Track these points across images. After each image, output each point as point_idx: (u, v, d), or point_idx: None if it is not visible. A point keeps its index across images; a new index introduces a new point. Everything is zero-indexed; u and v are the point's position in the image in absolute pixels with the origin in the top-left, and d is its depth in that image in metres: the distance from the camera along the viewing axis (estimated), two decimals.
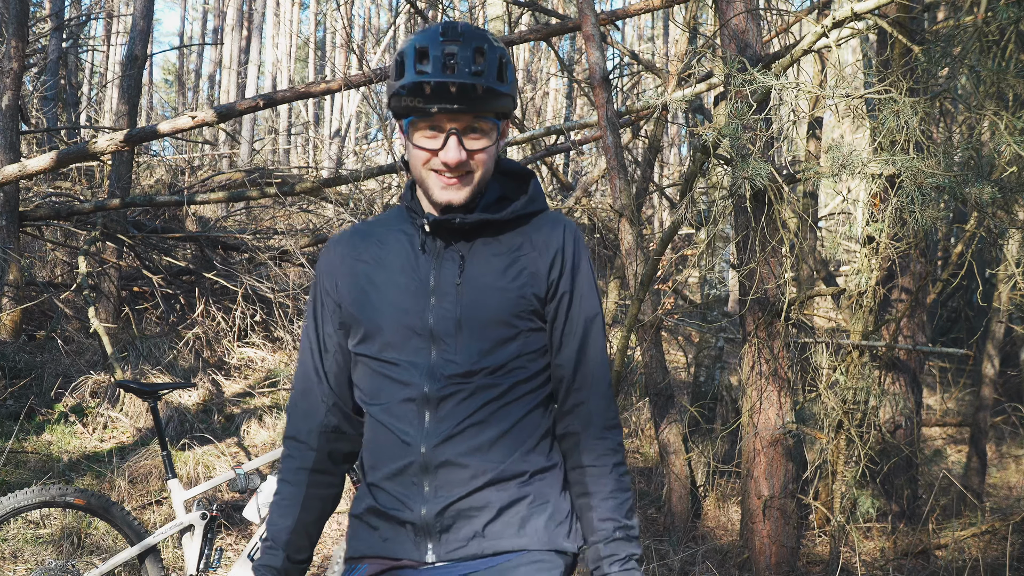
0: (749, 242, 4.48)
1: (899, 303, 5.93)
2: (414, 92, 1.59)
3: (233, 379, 6.91)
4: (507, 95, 1.63)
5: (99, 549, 4.46)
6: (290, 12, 20.66)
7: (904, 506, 5.99)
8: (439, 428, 1.62)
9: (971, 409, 8.11)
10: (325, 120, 21.10)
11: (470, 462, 1.62)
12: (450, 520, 1.62)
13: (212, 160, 13.26)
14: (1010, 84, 3.93)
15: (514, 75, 1.66)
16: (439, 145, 1.62)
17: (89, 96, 18.25)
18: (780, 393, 4.56)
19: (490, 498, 1.63)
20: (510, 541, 1.63)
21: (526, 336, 1.67)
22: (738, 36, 4.54)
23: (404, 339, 1.66)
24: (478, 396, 1.63)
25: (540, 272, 1.67)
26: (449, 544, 1.62)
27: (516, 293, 1.65)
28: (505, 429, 1.64)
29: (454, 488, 1.62)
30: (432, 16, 9.67)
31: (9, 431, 5.29)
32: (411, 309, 1.66)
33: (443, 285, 1.66)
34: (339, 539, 5.07)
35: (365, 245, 1.75)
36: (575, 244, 1.71)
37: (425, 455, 1.63)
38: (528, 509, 1.64)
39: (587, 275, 1.72)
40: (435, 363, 1.64)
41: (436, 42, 1.59)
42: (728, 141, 4.23)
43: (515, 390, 1.65)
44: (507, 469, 1.63)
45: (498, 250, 1.68)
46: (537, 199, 1.73)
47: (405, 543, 1.65)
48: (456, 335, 1.64)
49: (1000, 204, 4.07)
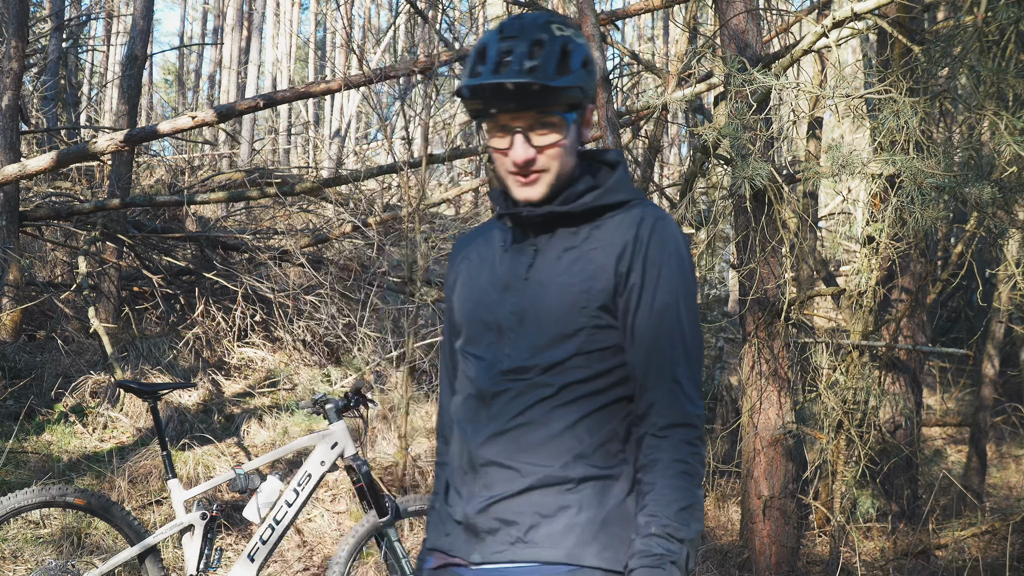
0: (749, 242, 4.49)
1: (899, 303, 5.93)
2: (474, 95, 1.56)
3: (233, 379, 6.91)
4: (573, 88, 1.55)
5: (99, 549, 4.46)
6: (290, 12, 20.66)
7: (904, 506, 5.99)
8: (489, 425, 1.59)
9: (971, 409, 8.12)
10: (325, 120, 21.10)
11: (515, 463, 1.57)
12: (493, 522, 1.58)
13: (212, 160, 13.26)
14: (1010, 84, 3.93)
15: (583, 62, 1.58)
16: (508, 145, 1.58)
17: (89, 96, 18.25)
18: (780, 393, 4.56)
19: (533, 502, 1.56)
20: (550, 551, 1.55)
21: (589, 333, 1.57)
22: (738, 36, 4.54)
23: (480, 334, 1.65)
24: (529, 395, 1.57)
25: (607, 265, 1.58)
26: (492, 546, 1.58)
27: (578, 288, 1.57)
28: (556, 432, 1.56)
29: (497, 488, 1.58)
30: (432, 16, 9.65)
31: (9, 431, 5.29)
32: (486, 303, 1.65)
33: (513, 280, 1.63)
34: (339, 539, 5.07)
35: (475, 243, 1.75)
36: (652, 234, 1.58)
37: (472, 453, 1.60)
38: (573, 519, 1.55)
39: (667, 265, 1.58)
40: (495, 358, 1.61)
41: (494, 40, 1.56)
42: (728, 141, 4.23)
43: (571, 390, 1.57)
44: (554, 474, 1.56)
45: (572, 244, 1.62)
46: (616, 190, 1.64)
47: (458, 540, 1.63)
48: (517, 331, 1.60)
49: (1000, 204, 4.08)
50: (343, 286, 7.58)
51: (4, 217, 6.43)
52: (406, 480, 5.57)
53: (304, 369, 7.14)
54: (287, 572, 4.76)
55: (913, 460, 6.13)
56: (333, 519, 5.34)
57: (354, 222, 7.52)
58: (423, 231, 6.61)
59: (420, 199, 5.93)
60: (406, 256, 6.85)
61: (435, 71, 6.86)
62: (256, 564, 3.59)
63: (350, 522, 5.34)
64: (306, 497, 3.66)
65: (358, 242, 8.50)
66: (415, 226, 5.85)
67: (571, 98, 1.57)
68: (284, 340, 7.31)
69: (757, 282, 4.46)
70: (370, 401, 3.89)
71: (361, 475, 3.69)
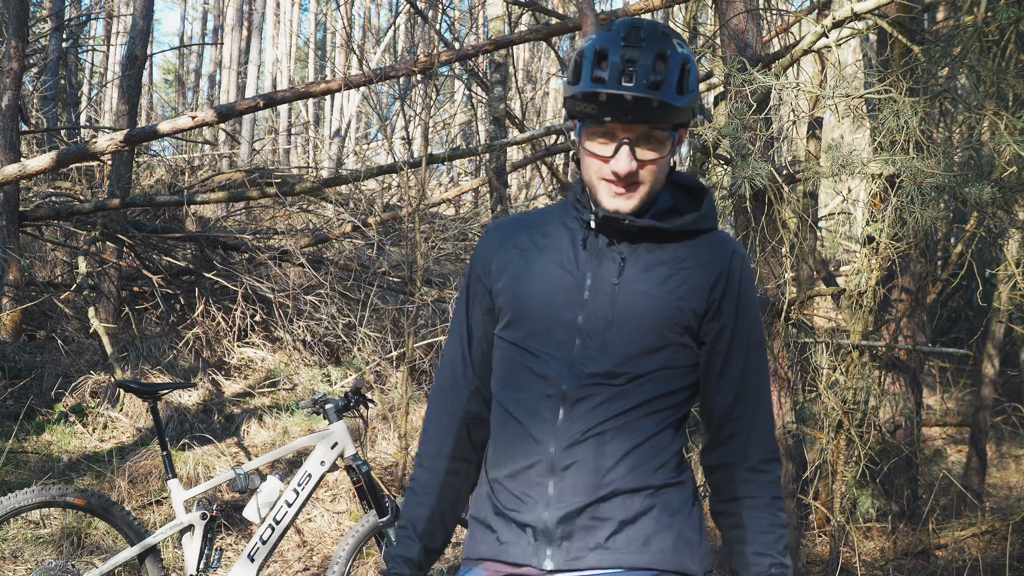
0: (749, 242, 4.49)
1: (899, 303, 5.93)
2: (588, 99, 1.54)
3: (233, 379, 6.91)
4: (687, 108, 1.56)
5: (99, 549, 4.46)
6: (290, 12, 20.65)
7: (904, 506, 5.99)
8: (572, 428, 1.57)
9: (971, 409, 8.11)
10: (325, 120, 21.10)
11: (598, 468, 1.56)
12: (572, 527, 1.55)
13: (212, 160, 13.26)
14: (1010, 84, 3.93)
15: (696, 82, 1.59)
16: (610, 153, 1.57)
17: (89, 96, 18.25)
18: (780, 393, 4.56)
19: (615, 509, 1.56)
20: (633, 557, 1.55)
21: (674, 350, 1.60)
22: (738, 36, 4.54)
23: (548, 331, 1.61)
24: (616, 402, 1.57)
25: (701, 288, 1.60)
26: (570, 552, 1.55)
27: (672, 304, 1.58)
28: (638, 441, 1.57)
29: (579, 494, 1.55)
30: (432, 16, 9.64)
31: (9, 431, 5.29)
32: (563, 303, 1.61)
33: (600, 283, 1.60)
34: (339, 539, 5.07)
35: (525, 233, 1.71)
36: (743, 268, 1.64)
37: (554, 455, 1.57)
38: (654, 525, 1.57)
39: (752, 301, 1.65)
40: (577, 359, 1.58)
41: (617, 45, 1.53)
42: (728, 141, 4.23)
43: (653, 403, 1.59)
44: (634, 481, 1.56)
45: (661, 259, 1.62)
46: (709, 217, 1.66)
47: (524, 547, 1.58)
48: (604, 335, 1.58)
49: (1000, 204, 4.08)
50: (343, 286, 7.58)
51: (4, 217, 6.43)
52: (406, 480, 5.57)
53: (304, 369, 7.14)
54: (287, 572, 4.76)
55: (913, 460, 6.13)
56: (333, 519, 5.34)
57: (354, 222, 7.52)
58: (423, 231, 6.61)
59: (420, 199, 5.93)
60: (406, 256, 6.85)
61: (435, 71, 6.87)
62: (256, 564, 3.59)
63: (350, 522, 5.34)
64: (306, 497, 3.66)
65: (358, 242, 8.50)
66: (415, 226, 5.85)
67: (683, 117, 1.58)
68: (284, 340, 7.30)
69: (757, 282, 4.46)
70: (370, 401, 3.89)
71: (361, 475, 3.69)
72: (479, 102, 10.14)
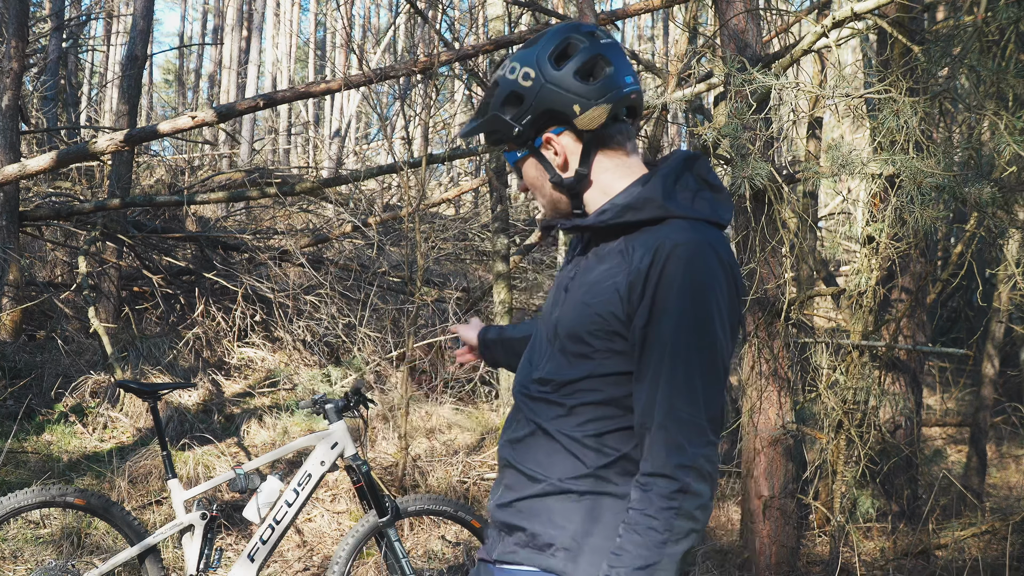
0: (749, 242, 4.49)
1: (899, 303, 5.93)
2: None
3: (233, 379, 6.91)
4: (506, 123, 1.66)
5: (99, 549, 4.46)
6: (290, 12, 20.66)
7: (904, 506, 5.99)
8: (510, 428, 1.67)
9: (971, 409, 8.11)
10: (325, 120, 21.09)
11: (524, 469, 1.62)
12: (507, 521, 1.63)
13: (212, 160, 13.26)
14: (1010, 84, 3.93)
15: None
16: None
17: (89, 96, 18.25)
18: (780, 393, 4.56)
19: (543, 508, 1.59)
20: (548, 560, 1.58)
21: (603, 357, 1.54)
22: (738, 36, 4.54)
23: (537, 340, 1.70)
24: (546, 407, 1.61)
25: (622, 291, 1.51)
26: (506, 545, 1.63)
27: (595, 309, 1.54)
28: (564, 447, 1.58)
29: (510, 491, 1.64)
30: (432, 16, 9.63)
31: (9, 431, 5.29)
32: (545, 312, 1.70)
33: (559, 292, 1.67)
34: (339, 539, 5.07)
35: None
36: (667, 261, 1.47)
37: (502, 453, 1.69)
38: (572, 530, 1.57)
39: (674, 298, 1.46)
40: (532, 363, 1.68)
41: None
42: (728, 141, 4.23)
43: (582, 412, 1.56)
44: (559, 485, 1.58)
45: (606, 262, 1.58)
46: (638, 207, 1.55)
47: (489, 540, 1.70)
48: (553, 343, 1.63)
49: (1000, 204, 4.07)
50: (343, 286, 7.58)
51: (4, 217, 6.43)
52: (406, 480, 5.57)
53: (304, 369, 7.14)
54: (287, 572, 4.76)
55: (913, 460, 6.13)
56: (333, 519, 5.34)
57: (354, 222, 7.52)
58: (423, 231, 6.61)
59: (420, 199, 5.93)
60: (406, 256, 6.85)
61: (435, 71, 6.86)
62: (256, 564, 3.59)
63: (350, 522, 5.34)
64: (306, 497, 3.66)
65: (358, 242, 8.51)
66: (415, 226, 5.85)
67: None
68: (284, 340, 7.31)
69: (757, 282, 4.46)
70: (370, 401, 3.89)
71: (361, 475, 3.69)
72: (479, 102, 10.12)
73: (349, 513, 5.43)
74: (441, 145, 18.05)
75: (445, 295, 7.66)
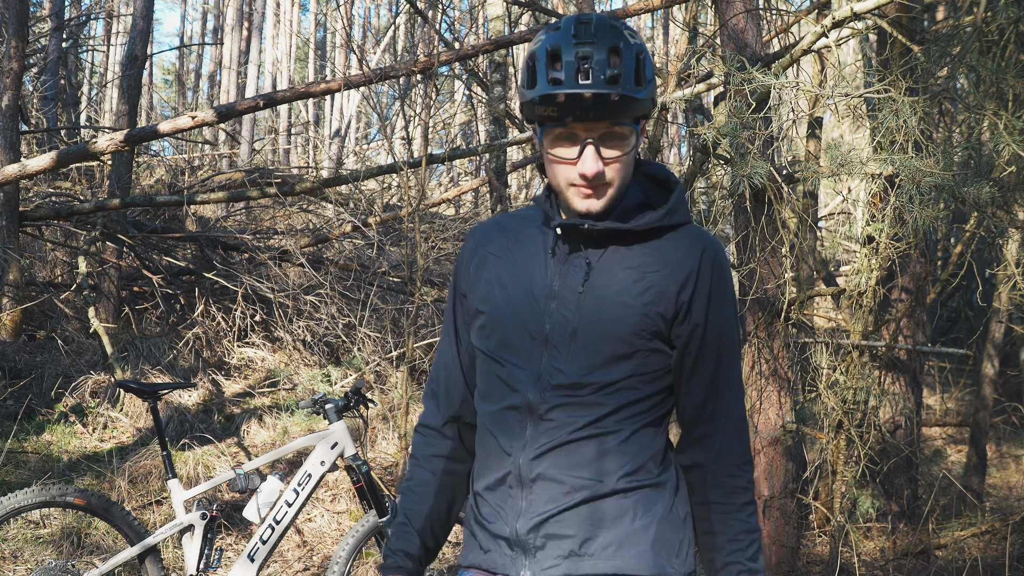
0: (749, 242, 4.49)
1: (899, 303, 5.93)
2: (547, 102, 1.49)
3: (233, 379, 6.91)
4: (646, 99, 1.52)
5: (99, 549, 4.46)
6: (290, 12, 20.66)
7: (904, 506, 5.99)
8: (538, 440, 1.55)
9: (971, 409, 8.11)
10: (325, 120, 21.10)
11: (566, 478, 1.54)
12: (544, 537, 1.55)
13: (212, 160, 13.26)
14: (1010, 84, 3.93)
15: (653, 72, 1.54)
16: (575, 155, 1.52)
17: (89, 96, 18.26)
18: (780, 393, 4.56)
19: (587, 515, 1.54)
20: (608, 563, 1.53)
21: (644, 356, 1.55)
22: (738, 36, 4.54)
23: (519, 341, 1.58)
24: (583, 412, 1.54)
25: (670, 292, 1.55)
26: (544, 562, 1.54)
27: (640, 310, 1.54)
28: (609, 448, 1.55)
29: (549, 503, 1.54)
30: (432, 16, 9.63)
31: (9, 431, 5.29)
32: (531, 311, 1.58)
33: (565, 291, 1.57)
34: (339, 539, 5.07)
35: (500, 237, 1.68)
36: (714, 264, 1.58)
37: (522, 467, 1.56)
38: (628, 528, 1.55)
39: (725, 299, 1.59)
40: (544, 371, 1.56)
41: (569, 43, 1.47)
42: (728, 141, 4.23)
43: (623, 411, 1.56)
44: (605, 487, 1.54)
45: (629, 262, 1.57)
46: (677, 211, 1.60)
47: (503, 557, 1.58)
48: (570, 344, 1.55)
49: (1000, 204, 4.08)
50: (343, 286, 7.58)
51: (4, 217, 6.43)
52: None
53: (304, 369, 7.14)
54: (287, 572, 4.76)
55: (913, 460, 6.13)
56: (333, 519, 5.34)
57: (354, 222, 7.52)
58: (423, 231, 6.61)
59: (420, 199, 5.93)
60: (406, 256, 6.85)
61: (435, 71, 6.86)
62: (256, 564, 3.59)
63: (350, 522, 5.35)
64: (306, 497, 3.66)
65: (358, 242, 8.50)
66: (415, 226, 5.85)
67: (643, 109, 1.53)
68: (284, 340, 7.31)
69: (757, 282, 4.46)
70: (370, 401, 3.89)
71: (361, 475, 3.69)
72: (479, 102, 10.14)
73: (349, 513, 5.43)
74: (441, 145, 18.06)
75: (445, 295, 7.66)
